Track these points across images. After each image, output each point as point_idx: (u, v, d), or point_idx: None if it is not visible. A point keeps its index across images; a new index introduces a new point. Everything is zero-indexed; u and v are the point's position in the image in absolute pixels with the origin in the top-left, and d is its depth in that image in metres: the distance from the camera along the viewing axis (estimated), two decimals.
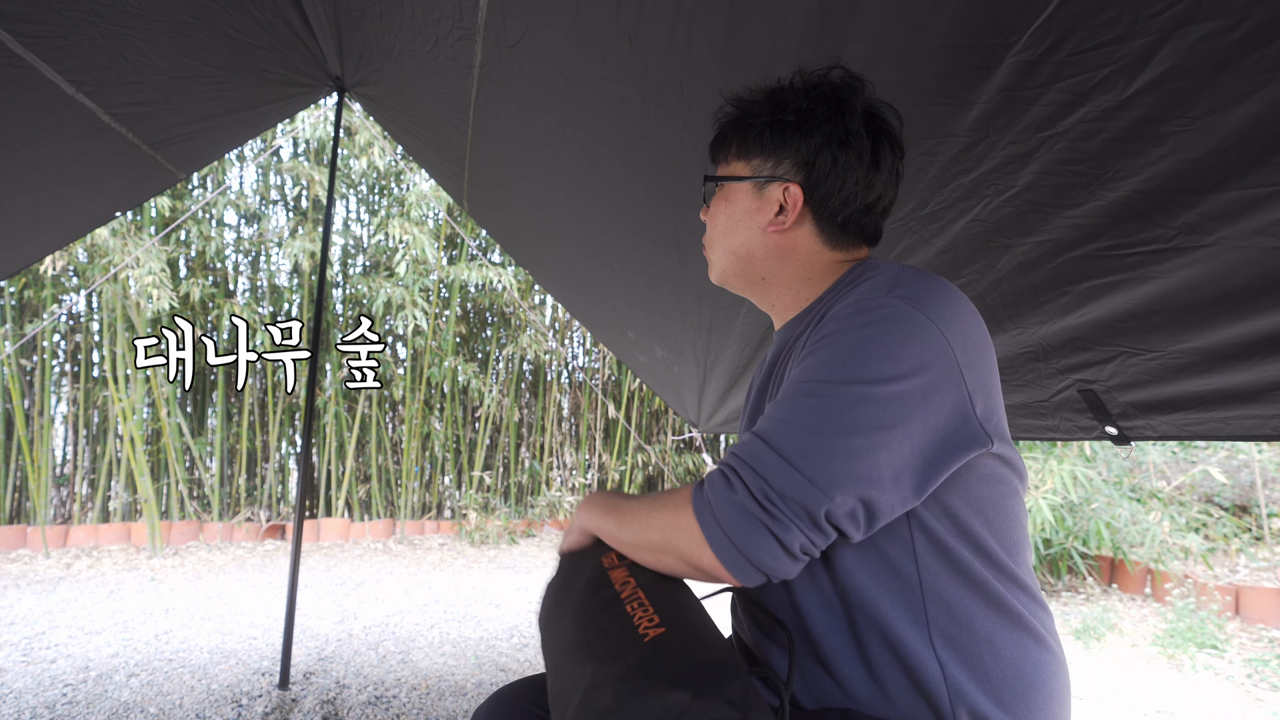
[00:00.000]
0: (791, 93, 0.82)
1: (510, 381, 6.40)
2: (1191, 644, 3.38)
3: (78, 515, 5.05)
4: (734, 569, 0.63)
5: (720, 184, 0.88)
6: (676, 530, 0.67)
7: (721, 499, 0.64)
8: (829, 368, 0.65)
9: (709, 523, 0.64)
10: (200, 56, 1.84)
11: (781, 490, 0.61)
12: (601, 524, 0.78)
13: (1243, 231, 1.01)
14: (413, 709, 2.38)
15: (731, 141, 0.87)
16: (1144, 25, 0.85)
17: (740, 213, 0.86)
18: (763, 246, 0.85)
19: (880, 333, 0.65)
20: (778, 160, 0.82)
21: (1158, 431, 1.58)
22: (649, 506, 0.72)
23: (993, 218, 1.28)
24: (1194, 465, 4.71)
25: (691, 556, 0.66)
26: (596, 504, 0.81)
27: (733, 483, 0.64)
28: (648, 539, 0.71)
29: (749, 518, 0.62)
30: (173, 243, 5.02)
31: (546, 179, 2.15)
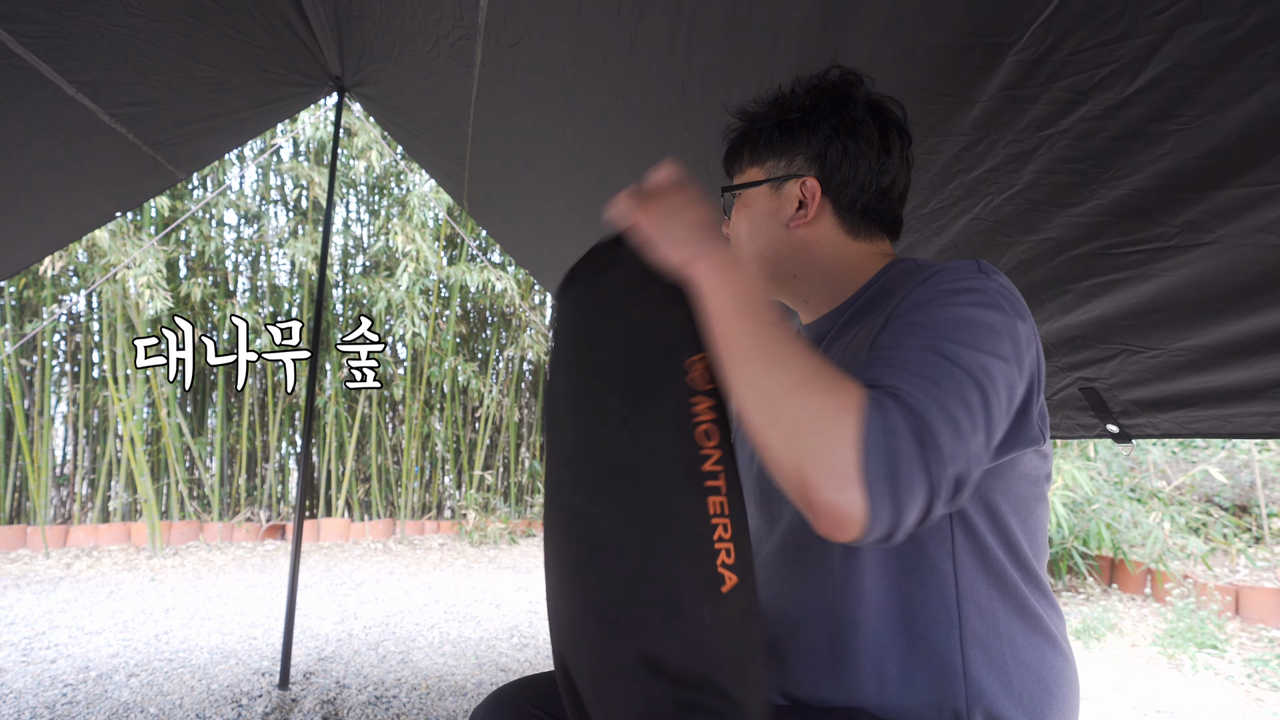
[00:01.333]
0: (794, 95, 0.84)
1: (510, 381, 6.40)
2: (1191, 644, 3.38)
3: (78, 515, 5.05)
4: (876, 502, 0.49)
5: (738, 193, 0.88)
6: (824, 419, 0.51)
7: (903, 428, 0.51)
8: (963, 343, 0.58)
9: (877, 440, 0.50)
10: (200, 56, 1.84)
11: (950, 453, 0.53)
12: (728, 310, 0.57)
13: (1244, 229, 1.01)
14: (413, 709, 2.38)
15: (743, 152, 0.88)
16: (1145, 24, 0.85)
17: (761, 215, 0.86)
18: (788, 244, 0.85)
19: (997, 314, 0.62)
20: (790, 159, 0.83)
21: (1159, 429, 1.58)
22: (800, 365, 0.54)
23: (994, 216, 1.28)
24: (1194, 465, 4.71)
25: (821, 459, 0.51)
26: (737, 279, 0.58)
27: (917, 426, 0.52)
28: (779, 397, 0.53)
29: (921, 467, 0.51)
30: (172, 243, 5.02)
31: (547, 178, 2.15)
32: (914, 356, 0.58)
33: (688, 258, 0.59)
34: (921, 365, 0.57)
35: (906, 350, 0.59)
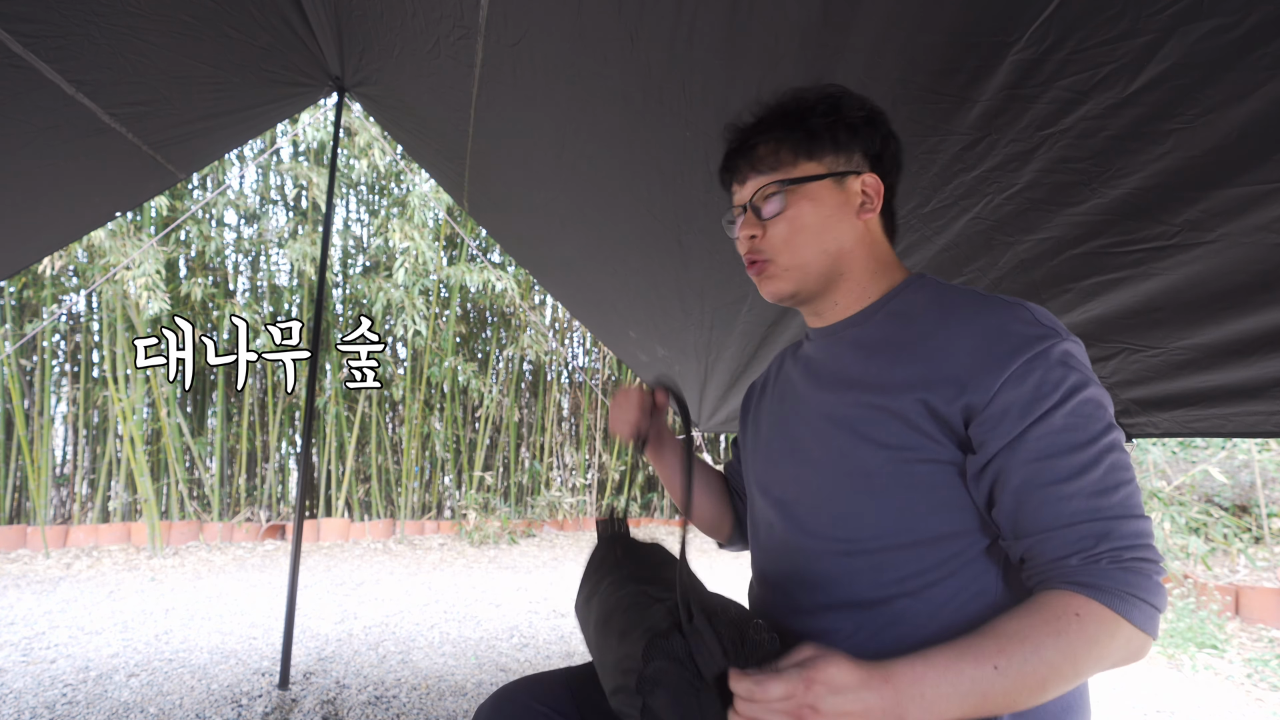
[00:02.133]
0: (834, 99, 0.85)
1: (510, 381, 6.40)
2: (1191, 644, 3.38)
3: (78, 515, 5.05)
4: (1156, 630, 0.64)
5: (795, 187, 0.84)
6: (1123, 650, 0.63)
7: (1145, 585, 0.63)
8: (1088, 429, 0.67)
9: (1142, 610, 0.63)
10: (200, 56, 1.83)
11: (1151, 536, 0.65)
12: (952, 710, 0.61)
13: (1245, 228, 1.01)
14: (413, 709, 2.38)
15: (795, 146, 0.85)
16: (1145, 23, 0.85)
17: (832, 208, 0.84)
18: (854, 237, 0.85)
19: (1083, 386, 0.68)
20: (849, 155, 0.84)
21: (1160, 428, 1.58)
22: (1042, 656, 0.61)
23: (994, 215, 1.28)
24: (1194, 465, 4.71)
25: (1122, 654, 0.64)
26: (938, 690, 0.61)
27: (1141, 567, 0.63)
28: (1076, 678, 0.63)
29: (1160, 578, 0.64)
30: (172, 243, 5.02)
31: (548, 178, 2.15)
32: (1079, 493, 0.65)
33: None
34: (1095, 496, 0.65)
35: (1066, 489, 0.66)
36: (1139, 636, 0.62)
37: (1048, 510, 0.65)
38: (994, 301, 0.74)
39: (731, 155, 0.90)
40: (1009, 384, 0.68)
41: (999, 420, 0.68)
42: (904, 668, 0.61)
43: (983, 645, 0.61)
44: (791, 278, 0.86)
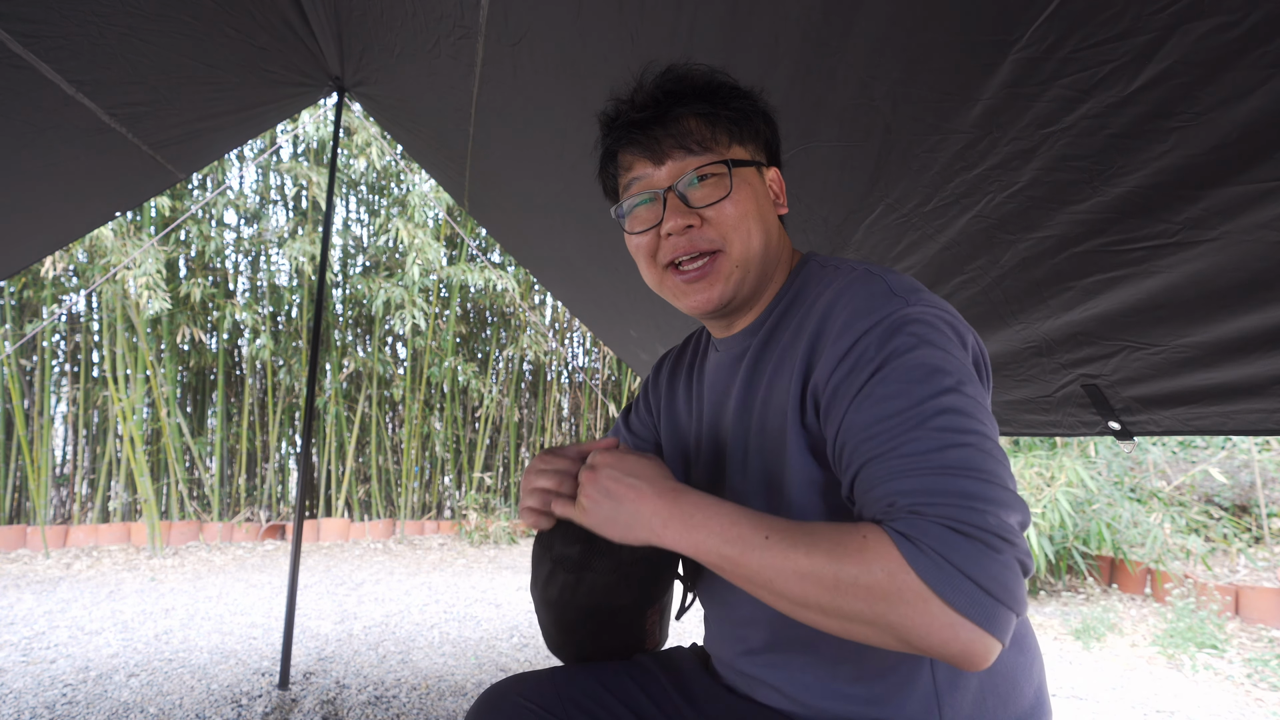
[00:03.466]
0: (736, 84, 0.81)
1: (510, 381, 6.40)
2: (1191, 644, 3.38)
3: (78, 515, 5.05)
4: (989, 620, 0.50)
5: (740, 170, 0.76)
6: (888, 594, 0.52)
7: (954, 544, 0.51)
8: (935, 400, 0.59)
9: (946, 577, 0.51)
10: (200, 56, 1.83)
11: (1001, 519, 0.53)
12: (721, 551, 0.60)
13: (1246, 226, 1.01)
14: (413, 709, 2.38)
15: (723, 125, 0.77)
16: (1146, 22, 0.85)
17: (762, 196, 0.79)
18: (776, 234, 0.81)
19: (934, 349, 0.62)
20: (756, 146, 0.81)
21: (1161, 426, 1.58)
22: (813, 556, 0.55)
23: (996, 213, 1.28)
24: (1194, 465, 4.71)
25: (914, 629, 0.51)
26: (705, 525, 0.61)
27: (966, 529, 0.52)
28: (831, 602, 0.54)
29: (995, 555, 0.51)
30: (172, 243, 5.02)
31: (548, 177, 2.15)
32: (902, 448, 0.58)
33: (652, 532, 0.64)
34: (916, 456, 0.57)
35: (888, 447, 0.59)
36: (941, 609, 0.50)
37: (867, 476, 0.60)
38: (851, 275, 0.72)
39: (643, 126, 0.76)
40: (843, 361, 0.65)
41: (831, 399, 0.66)
42: (692, 494, 0.64)
43: (772, 520, 0.60)
44: (736, 278, 0.77)
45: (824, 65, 1.17)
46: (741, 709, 0.82)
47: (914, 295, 0.67)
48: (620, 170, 0.82)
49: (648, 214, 0.79)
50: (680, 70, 0.79)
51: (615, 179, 0.83)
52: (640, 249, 0.80)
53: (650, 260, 0.80)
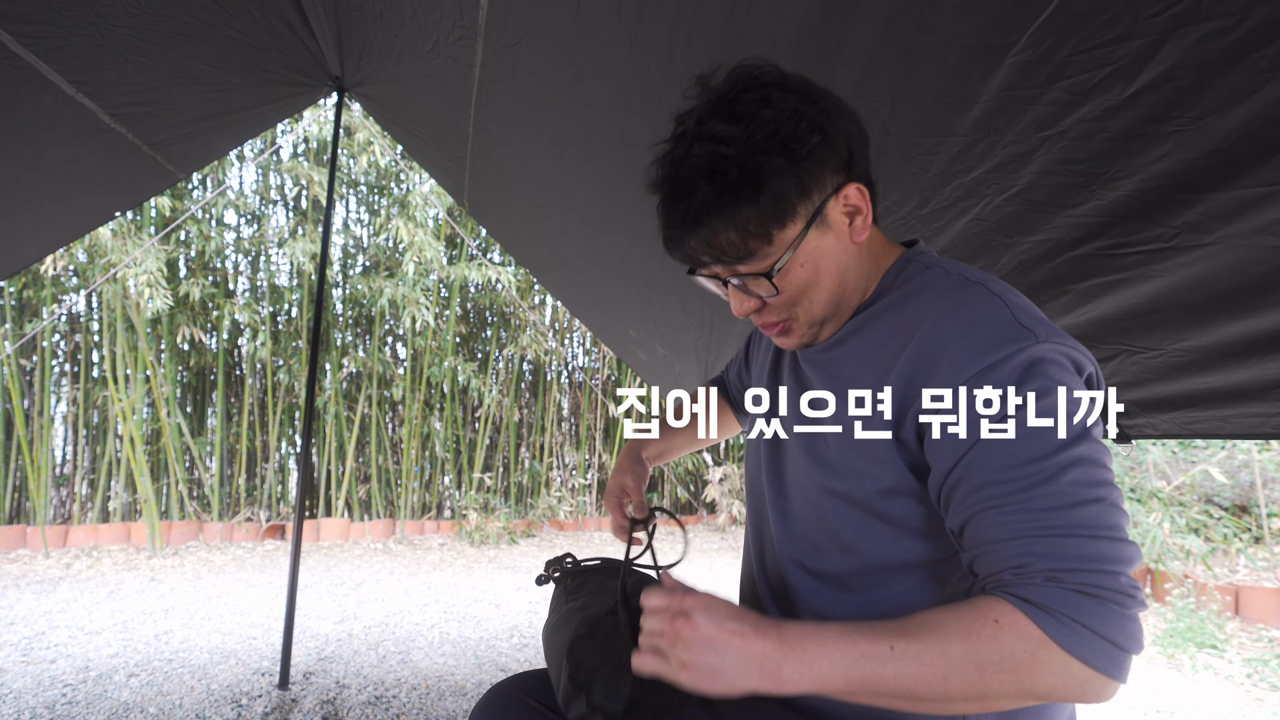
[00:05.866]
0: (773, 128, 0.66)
1: (510, 381, 6.40)
2: (1191, 644, 3.38)
3: (77, 515, 5.05)
4: (1122, 672, 0.56)
5: (785, 263, 0.71)
6: (1033, 670, 0.55)
7: (1084, 609, 0.55)
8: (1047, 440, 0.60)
9: (1081, 643, 0.54)
10: (200, 56, 1.84)
11: (1121, 577, 0.56)
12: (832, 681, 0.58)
13: (1244, 230, 1.01)
14: (413, 709, 2.38)
15: (753, 227, 0.68)
16: (1144, 25, 0.85)
17: (826, 252, 0.72)
18: (855, 261, 0.76)
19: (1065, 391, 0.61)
20: (820, 186, 0.69)
21: (1159, 430, 1.58)
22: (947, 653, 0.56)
23: (993, 216, 1.28)
24: (1194, 465, 4.71)
25: (1060, 688, 0.56)
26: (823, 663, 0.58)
27: (1093, 591, 0.55)
28: (977, 692, 0.56)
29: (1124, 614, 0.55)
30: (173, 243, 5.02)
31: (547, 177, 2.15)
32: (1032, 503, 0.59)
33: (767, 678, 0.58)
34: (1048, 513, 0.58)
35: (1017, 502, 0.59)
36: (1080, 669, 0.54)
37: (992, 524, 0.60)
38: (967, 293, 0.68)
39: (679, 241, 0.72)
40: (964, 390, 0.63)
41: (946, 430, 0.64)
42: (795, 625, 0.60)
43: (886, 625, 0.58)
44: (809, 333, 0.78)
45: (821, 67, 1.17)
46: (762, 707, 0.80)
47: (1041, 328, 0.64)
48: None
49: (715, 284, 0.78)
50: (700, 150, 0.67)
51: None
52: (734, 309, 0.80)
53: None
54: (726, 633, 0.59)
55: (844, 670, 0.57)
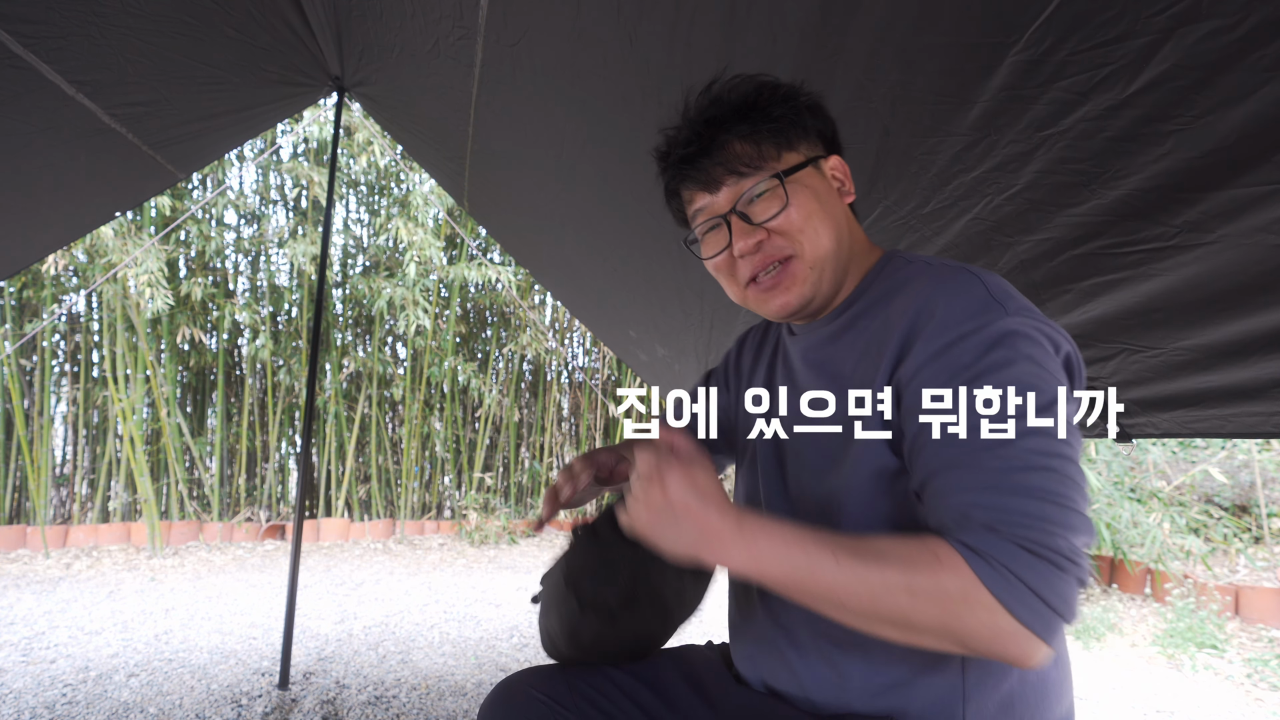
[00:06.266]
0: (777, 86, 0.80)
1: (510, 381, 6.40)
2: (1191, 644, 3.38)
3: (77, 515, 5.05)
4: (1052, 634, 0.56)
5: (793, 176, 0.77)
6: (960, 607, 0.55)
7: (1024, 562, 0.55)
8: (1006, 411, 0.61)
9: (1015, 595, 0.54)
10: (200, 56, 1.83)
11: (1070, 543, 0.57)
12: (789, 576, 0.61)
13: (1244, 229, 1.02)
14: (413, 709, 2.38)
15: (768, 138, 0.78)
16: (1144, 24, 0.85)
17: (825, 192, 0.79)
18: (847, 225, 0.81)
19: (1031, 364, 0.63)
20: (812, 141, 0.81)
21: (1159, 429, 1.58)
22: (885, 572, 0.58)
23: (994, 216, 1.28)
24: (1194, 465, 4.71)
25: (983, 639, 0.56)
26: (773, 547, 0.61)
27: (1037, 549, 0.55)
28: (903, 616, 0.57)
29: (1060, 573, 0.55)
30: (173, 243, 5.02)
31: (547, 177, 2.15)
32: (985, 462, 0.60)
33: (715, 555, 0.62)
34: (998, 473, 0.59)
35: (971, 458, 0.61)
36: (1007, 620, 0.54)
37: (944, 480, 0.61)
38: (945, 275, 0.71)
39: (692, 161, 0.79)
40: (934, 360, 0.65)
41: (916, 396, 0.65)
42: (755, 517, 0.63)
43: (837, 538, 0.60)
44: (811, 279, 0.78)
45: (821, 68, 1.17)
46: (760, 704, 0.81)
47: (1012, 303, 0.66)
48: (685, 203, 0.85)
49: (716, 238, 0.82)
50: (718, 90, 0.80)
51: (683, 211, 0.87)
52: (719, 269, 0.84)
53: (731, 279, 0.83)
54: (691, 500, 0.63)
55: (785, 566, 0.60)
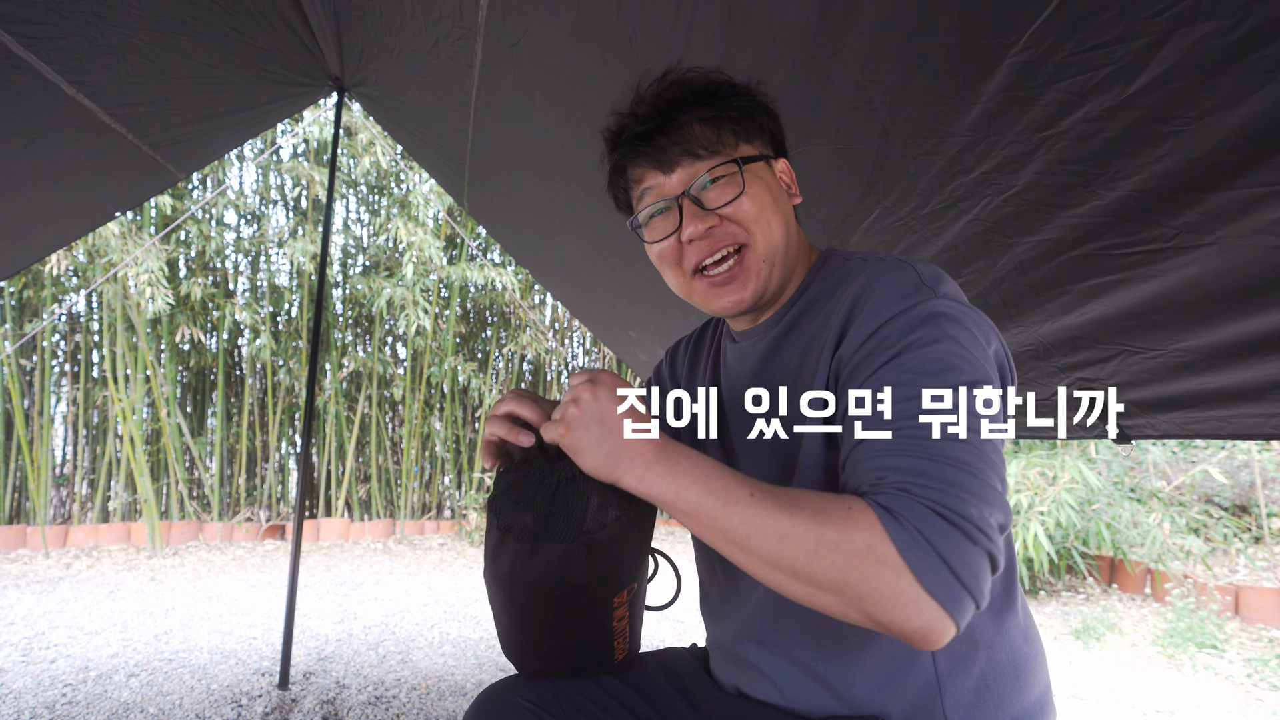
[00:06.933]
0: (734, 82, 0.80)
1: (510, 381, 6.40)
2: (1191, 644, 3.38)
3: (77, 515, 5.05)
4: (953, 604, 0.52)
5: (750, 166, 0.76)
6: (864, 563, 0.53)
7: (934, 524, 0.53)
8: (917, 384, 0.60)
9: (921, 553, 0.52)
10: (200, 56, 1.83)
11: (984, 515, 0.54)
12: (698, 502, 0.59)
13: (1243, 230, 1.02)
14: (413, 709, 2.38)
15: (727, 125, 0.77)
16: (1144, 25, 0.85)
17: (777, 189, 0.79)
18: (794, 225, 0.81)
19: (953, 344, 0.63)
20: (764, 140, 0.80)
21: (1158, 430, 1.58)
22: (795, 517, 0.56)
23: (993, 217, 1.28)
24: (1194, 465, 4.71)
25: (880, 598, 0.53)
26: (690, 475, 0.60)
27: (944, 512, 0.53)
28: (806, 565, 0.54)
29: (971, 544, 0.53)
30: (173, 242, 5.02)
31: (547, 178, 2.15)
32: (903, 431, 0.59)
33: (634, 473, 0.61)
34: (914, 440, 0.58)
35: (892, 428, 0.60)
36: (911, 586, 0.51)
37: (862, 450, 0.60)
38: (877, 263, 0.71)
39: (648, 138, 0.76)
40: (865, 343, 0.65)
41: (847, 378, 0.65)
42: (681, 446, 0.63)
43: (756, 481, 0.59)
44: (763, 273, 0.76)
45: (821, 68, 1.17)
46: (741, 709, 0.81)
47: (941, 286, 0.67)
48: (631, 183, 0.82)
49: (664, 223, 0.79)
50: (677, 76, 0.79)
51: (627, 192, 0.84)
52: (664, 257, 0.81)
53: (676, 267, 0.80)
54: (617, 416, 0.62)
55: (700, 496, 0.59)
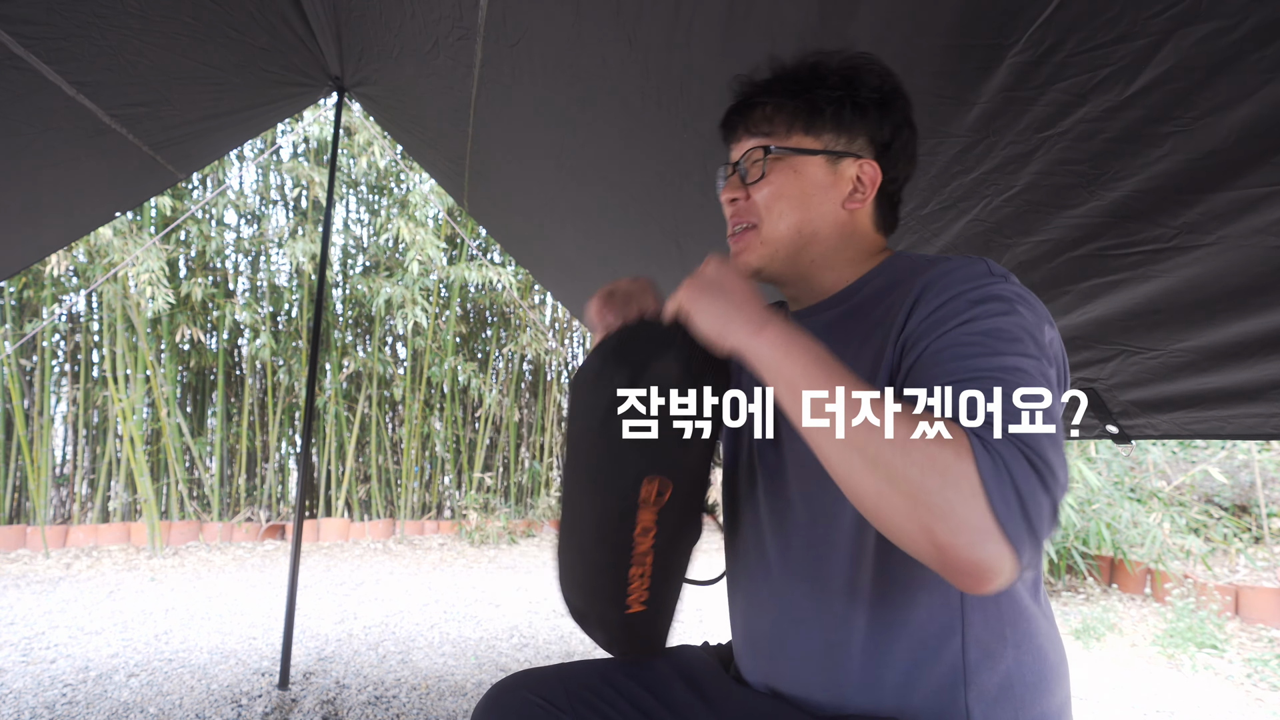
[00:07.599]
0: (853, 73, 0.79)
1: (510, 381, 6.40)
2: (1191, 644, 3.38)
3: (77, 515, 5.05)
4: (1019, 545, 0.51)
5: (782, 155, 0.80)
6: (946, 475, 0.52)
7: (1018, 460, 0.53)
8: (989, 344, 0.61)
9: (1003, 483, 0.52)
10: (200, 56, 1.84)
11: (1060, 468, 0.55)
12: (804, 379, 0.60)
13: (1243, 230, 1.02)
14: (413, 709, 2.38)
15: (787, 115, 0.80)
16: (1144, 26, 0.85)
17: (814, 186, 0.80)
18: (833, 223, 0.81)
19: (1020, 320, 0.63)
20: (851, 137, 0.80)
21: (1158, 430, 1.58)
22: (893, 409, 0.56)
23: (993, 217, 1.28)
24: (1194, 465, 4.71)
25: (951, 516, 0.51)
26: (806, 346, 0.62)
27: (1025, 449, 0.54)
28: (890, 458, 0.54)
29: (1045, 492, 0.53)
30: (173, 242, 5.02)
31: (547, 178, 2.15)
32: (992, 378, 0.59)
33: (747, 334, 0.65)
34: (1004, 384, 0.58)
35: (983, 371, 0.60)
36: (982, 511, 0.51)
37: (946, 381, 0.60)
38: (950, 258, 0.72)
39: (732, 112, 0.85)
40: (933, 314, 0.66)
41: (911, 342, 0.66)
42: (782, 322, 0.65)
43: (855, 378, 0.60)
44: (763, 252, 0.81)
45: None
46: (761, 705, 0.80)
47: (1013, 278, 0.68)
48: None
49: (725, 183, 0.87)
50: (793, 59, 0.82)
51: None
52: (725, 210, 0.87)
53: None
54: (739, 284, 0.69)
55: (810, 364, 0.61)
